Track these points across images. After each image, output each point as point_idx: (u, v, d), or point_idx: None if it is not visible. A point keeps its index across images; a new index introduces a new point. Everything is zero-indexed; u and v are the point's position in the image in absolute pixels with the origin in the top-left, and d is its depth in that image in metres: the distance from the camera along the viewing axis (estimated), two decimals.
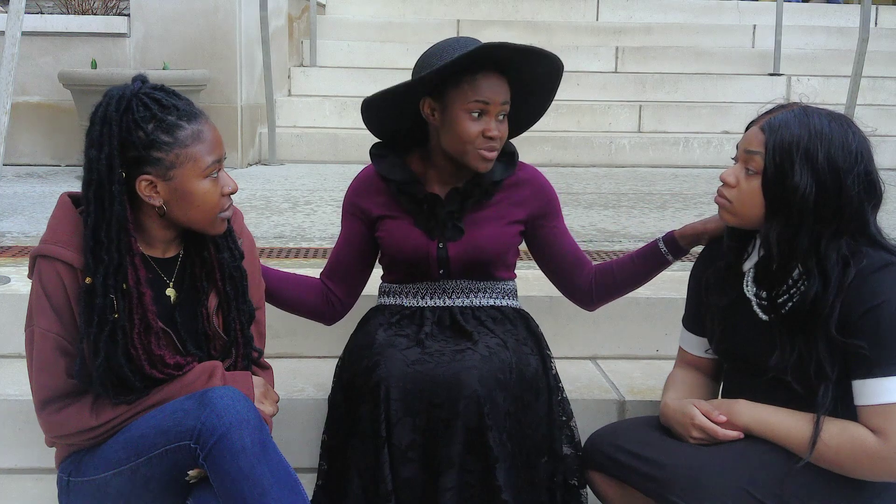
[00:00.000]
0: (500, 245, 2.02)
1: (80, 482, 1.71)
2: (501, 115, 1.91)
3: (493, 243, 2.01)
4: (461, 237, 1.99)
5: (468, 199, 2.00)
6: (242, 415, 1.57)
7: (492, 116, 1.90)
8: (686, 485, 1.63)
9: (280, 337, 2.43)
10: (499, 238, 2.02)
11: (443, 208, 1.99)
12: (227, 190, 1.70)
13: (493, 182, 2.00)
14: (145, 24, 5.20)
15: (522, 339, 2.00)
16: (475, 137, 1.89)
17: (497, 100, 1.89)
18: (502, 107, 1.90)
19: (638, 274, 2.05)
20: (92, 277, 1.60)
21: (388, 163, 2.03)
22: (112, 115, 1.60)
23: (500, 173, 2.01)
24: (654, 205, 4.29)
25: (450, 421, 1.80)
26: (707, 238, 1.94)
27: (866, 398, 1.59)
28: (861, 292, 1.60)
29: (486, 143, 1.90)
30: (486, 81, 1.88)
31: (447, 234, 1.99)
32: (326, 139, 5.65)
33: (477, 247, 2.00)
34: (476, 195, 2.00)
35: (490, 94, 1.88)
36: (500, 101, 1.90)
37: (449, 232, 1.99)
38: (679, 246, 1.98)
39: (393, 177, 2.01)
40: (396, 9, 7.15)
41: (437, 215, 1.99)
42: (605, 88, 6.30)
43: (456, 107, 1.90)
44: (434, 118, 1.94)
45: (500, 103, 1.90)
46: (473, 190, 1.99)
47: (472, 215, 2.01)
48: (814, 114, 1.64)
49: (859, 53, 4.88)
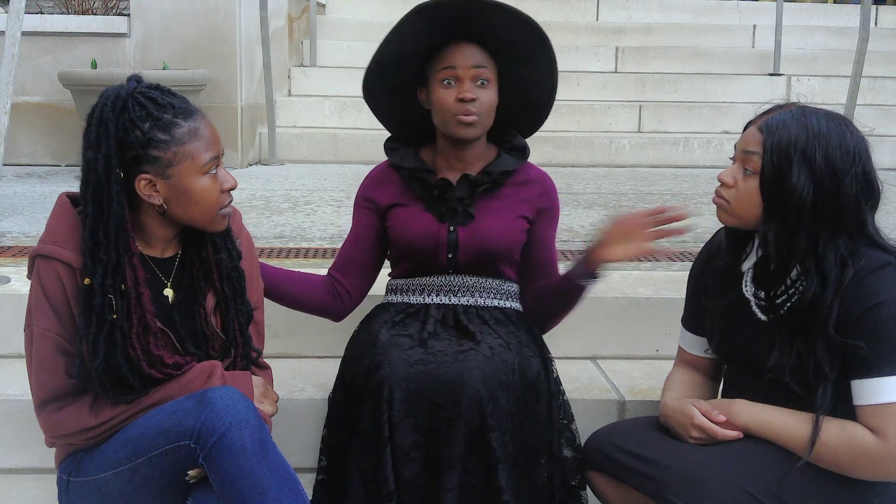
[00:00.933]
0: (508, 236, 2.04)
1: (79, 482, 1.71)
2: (481, 81, 1.94)
3: (502, 233, 2.03)
4: (471, 222, 2.01)
5: (478, 185, 2.02)
6: (242, 414, 1.57)
7: (464, 81, 1.93)
8: (685, 485, 1.63)
9: (280, 337, 2.44)
10: (507, 229, 2.04)
11: (453, 192, 2.01)
12: (226, 186, 1.70)
13: (503, 171, 2.03)
14: (145, 24, 5.20)
15: (525, 342, 2.00)
16: (451, 104, 1.93)
17: (464, 63, 1.93)
18: (474, 70, 1.94)
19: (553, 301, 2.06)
20: (90, 278, 1.60)
21: (401, 153, 2.07)
22: (108, 116, 1.60)
23: (512, 164, 2.04)
24: (654, 205, 4.28)
25: (452, 421, 1.80)
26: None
27: (865, 398, 1.59)
28: (859, 292, 1.60)
29: (462, 108, 1.93)
30: (454, 48, 1.94)
31: (458, 219, 2.01)
32: (326, 139, 5.65)
33: (486, 234, 2.01)
34: (486, 182, 2.02)
35: (457, 58, 1.93)
36: (470, 65, 1.93)
37: (459, 216, 2.01)
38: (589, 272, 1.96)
39: (405, 164, 2.05)
40: (396, 9, 7.03)
41: (448, 200, 2.02)
42: (605, 88, 6.29)
43: (433, 82, 1.96)
44: (428, 104, 2.00)
45: (468, 66, 1.93)
46: (484, 178, 2.02)
47: (483, 204, 2.03)
48: (811, 114, 1.65)
49: (859, 53, 4.88)
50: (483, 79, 1.95)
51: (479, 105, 1.94)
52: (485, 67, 1.95)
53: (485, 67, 1.95)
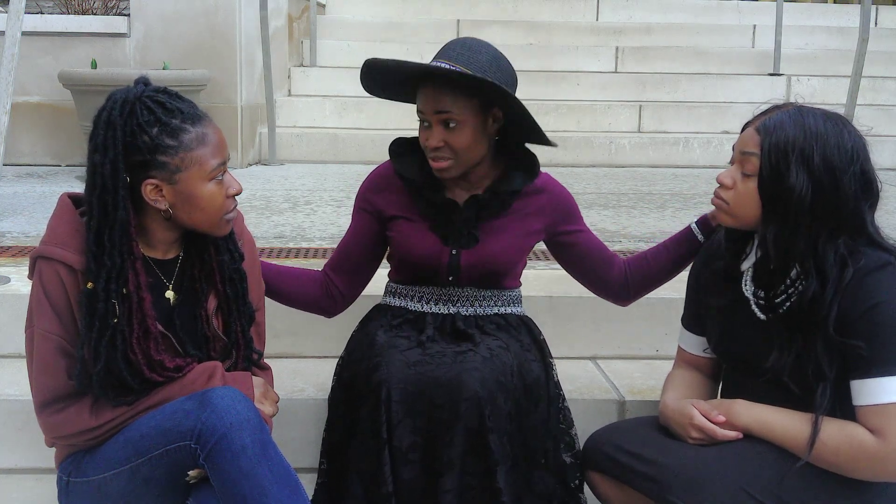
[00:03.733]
0: (512, 256, 2.01)
1: (79, 482, 1.71)
2: (452, 123, 1.87)
3: (506, 254, 2.00)
4: (475, 245, 1.98)
5: (486, 207, 1.98)
6: (243, 415, 1.57)
7: (434, 125, 1.89)
8: (685, 485, 1.63)
9: (280, 337, 2.44)
10: (513, 249, 2.00)
11: (460, 215, 1.97)
12: (231, 192, 1.70)
13: (512, 191, 1.98)
14: (145, 24, 5.20)
15: (526, 346, 1.99)
16: (425, 144, 1.91)
17: (427, 109, 1.89)
18: (437, 115, 1.88)
19: (673, 261, 2.04)
20: (94, 282, 1.60)
21: (407, 162, 2.01)
22: (116, 120, 1.59)
23: (520, 182, 1.98)
24: (654, 205, 4.29)
25: (451, 423, 1.79)
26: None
27: (864, 398, 1.59)
28: (859, 292, 1.60)
29: (430, 153, 1.91)
30: (423, 93, 1.90)
31: (462, 242, 1.98)
32: (326, 139, 5.65)
33: (490, 256, 1.98)
34: (495, 205, 1.98)
35: (422, 104, 1.90)
36: (432, 111, 1.88)
37: (464, 240, 1.97)
38: (711, 227, 1.98)
39: (411, 176, 1.99)
40: (396, 9, 7.15)
41: (454, 222, 1.98)
42: (605, 88, 6.30)
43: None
44: None
45: (432, 112, 1.88)
46: (492, 199, 1.97)
47: (488, 224, 1.98)
48: (809, 114, 1.64)
49: (859, 53, 4.88)
50: (451, 121, 1.87)
51: (447, 151, 1.89)
52: (448, 112, 1.86)
53: (448, 112, 1.86)
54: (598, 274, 2.08)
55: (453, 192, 1.99)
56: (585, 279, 2.12)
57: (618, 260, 2.08)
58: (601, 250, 2.08)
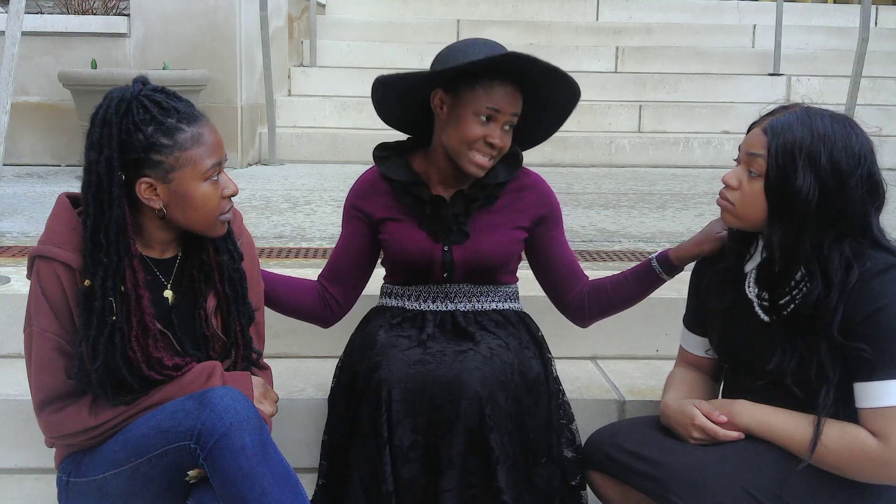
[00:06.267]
0: (504, 250, 2.02)
1: (79, 482, 1.70)
2: (508, 126, 1.91)
3: (498, 248, 2.01)
4: (466, 241, 1.99)
5: (473, 201, 1.99)
6: (242, 415, 1.57)
7: (498, 124, 1.89)
8: (686, 485, 1.63)
9: (280, 337, 2.43)
10: (503, 243, 2.01)
11: (448, 210, 1.98)
12: (227, 192, 1.70)
13: (498, 184, 1.99)
14: (145, 24, 5.20)
15: (525, 343, 2.00)
16: (476, 140, 1.89)
17: (508, 109, 1.89)
18: (511, 117, 1.90)
19: (632, 293, 2.05)
20: (91, 280, 1.60)
21: (392, 164, 2.02)
22: (112, 118, 1.59)
23: (504, 175, 2.00)
24: (654, 205, 4.29)
25: (451, 422, 1.79)
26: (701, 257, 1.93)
27: (867, 401, 1.59)
28: (864, 295, 1.59)
29: (486, 149, 1.90)
30: (503, 89, 1.88)
31: (452, 238, 1.98)
32: (326, 139, 5.65)
33: (482, 251, 1.99)
34: (481, 198, 1.99)
35: (503, 102, 1.88)
36: (510, 112, 1.89)
37: (454, 235, 1.98)
38: (673, 265, 1.97)
39: (397, 177, 2.00)
40: (396, 9, 7.15)
41: (443, 218, 1.98)
42: (605, 88, 6.30)
43: (466, 107, 1.89)
44: (442, 111, 1.93)
45: (509, 113, 1.89)
46: (478, 193, 1.99)
47: (478, 219, 2.00)
48: (816, 115, 1.64)
49: (859, 53, 4.88)
50: (512, 124, 1.91)
51: (500, 151, 1.92)
52: (518, 115, 1.91)
53: (518, 115, 1.91)
54: (560, 287, 2.08)
55: (438, 189, 2.01)
56: (549, 288, 2.12)
57: (583, 281, 2.07)
58: (571, 265, 2.08)
